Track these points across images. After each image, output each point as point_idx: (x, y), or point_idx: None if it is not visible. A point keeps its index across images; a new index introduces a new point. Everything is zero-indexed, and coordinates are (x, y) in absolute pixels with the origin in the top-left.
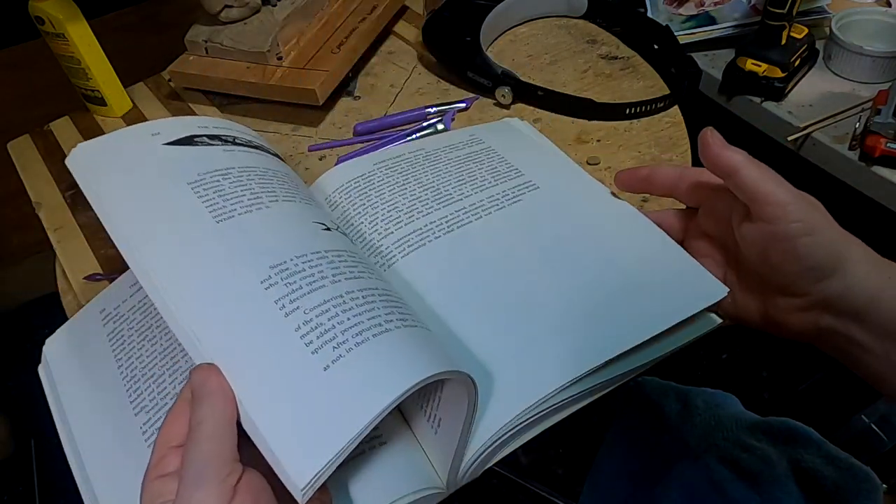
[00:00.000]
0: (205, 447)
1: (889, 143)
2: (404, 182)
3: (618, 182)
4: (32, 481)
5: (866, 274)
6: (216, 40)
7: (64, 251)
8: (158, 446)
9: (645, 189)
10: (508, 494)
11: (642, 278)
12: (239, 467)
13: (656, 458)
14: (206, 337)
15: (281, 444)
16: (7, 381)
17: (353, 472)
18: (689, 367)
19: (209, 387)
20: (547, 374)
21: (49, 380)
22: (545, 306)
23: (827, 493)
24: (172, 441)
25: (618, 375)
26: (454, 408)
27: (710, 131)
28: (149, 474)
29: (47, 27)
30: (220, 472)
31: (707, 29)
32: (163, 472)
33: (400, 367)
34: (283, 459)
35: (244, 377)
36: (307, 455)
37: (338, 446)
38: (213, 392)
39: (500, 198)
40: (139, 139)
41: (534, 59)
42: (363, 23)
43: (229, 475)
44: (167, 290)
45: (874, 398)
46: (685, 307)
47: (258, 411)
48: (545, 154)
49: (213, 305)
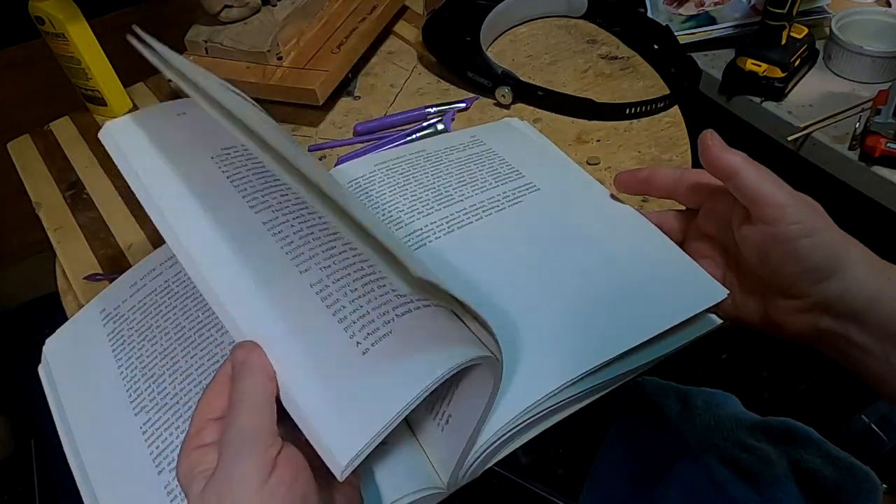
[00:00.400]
0: (246, 420)
1: (889, 143)
2: (405, 183)
3: (617, 184)
4: (32, 481)
5: (865, 275)
6: (216, 40)
7: (64, 251)
8: (196, 419)
9: (645, 191)
10: (508, 494)
11: (642, 280)
12: (279, 441)
13: (656, 458)
14: (247, 319)
15: (323, 423)
16: (7, 381)
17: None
18: (689, 367)
19: (251, 363)
20: (547, 374)
21: (49, 380)
22: (545, 307)
23: (827, 493)
24: (211, 414)
25: (618, 375)
26: (471, 399)
27: (710, 133)
28: (187, 444)
29: (47, 27)
30: (261, 445)
31: (707, 29)
32: (201, 442)
33: (437, 351)
34: (326, 438)
35: (287, 358)
36: (348, 434)
37: (377, 427)
38: (254, 368)
39: (501, 199)
40: (165, 116)
41: (534, 59)
42: (363, 23)
43: (270, 448)
44: (209, 271)
45: (874, 398)
46: (685, 309)
47: (300, 391)
48: (545, 155)
49: (254, 289)
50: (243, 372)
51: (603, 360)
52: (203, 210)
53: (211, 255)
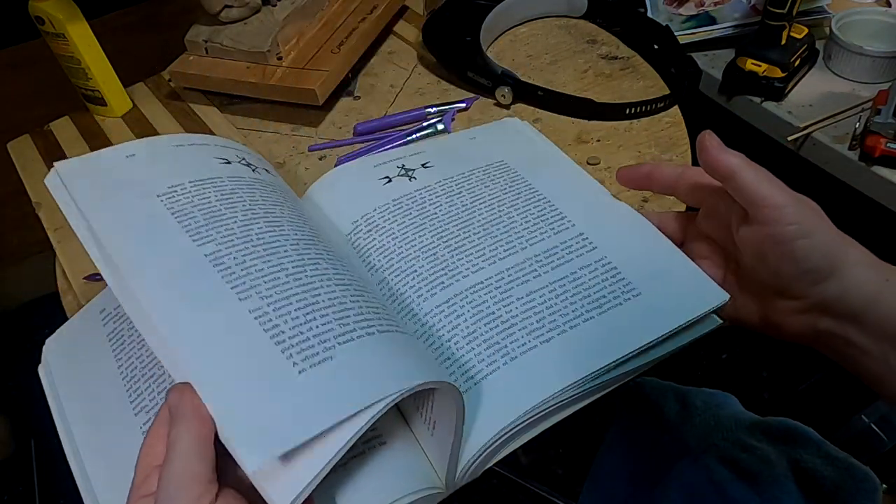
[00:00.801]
0: (178, 466)
1: (889, 143)
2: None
3: (619, 178)
4: (32, 481)
5: (864, 276)
6: (216, 40)
7: (64, 251)
8: (140, 467)
9: (645, 186)
10: (508, 494)
11: (642, 282)
12: (213, 487)
13: (656, 458)
14: (181, 354)
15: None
16: (7, 381)
17: (353, 472)
18: (689, 367)
19: (183, 407)
20: (548, 377)
21: (49, 380)
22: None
23: (826, 493)
24: (154, 461)
25: (618, 376)
26: (446, 413)
27: (709, 134)
28: (132, 494)
29: (47, 27)
30: (192, 492)
31: (707, 29)
32: (146, 492)
33: (379, 378)
34: (262, 482)
35: (221, 396)
36: (288, 475)
37: (317, 467)
38: (186, 412)
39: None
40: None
41: (534, 59)
42: (363, 23)
43: (202, 496)
44: (141, 309)
45: (874, 398)
46: (685, 312)
47: (234, 432)
48: (545, 155)
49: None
50: (176, 416)
51: (603, 364)
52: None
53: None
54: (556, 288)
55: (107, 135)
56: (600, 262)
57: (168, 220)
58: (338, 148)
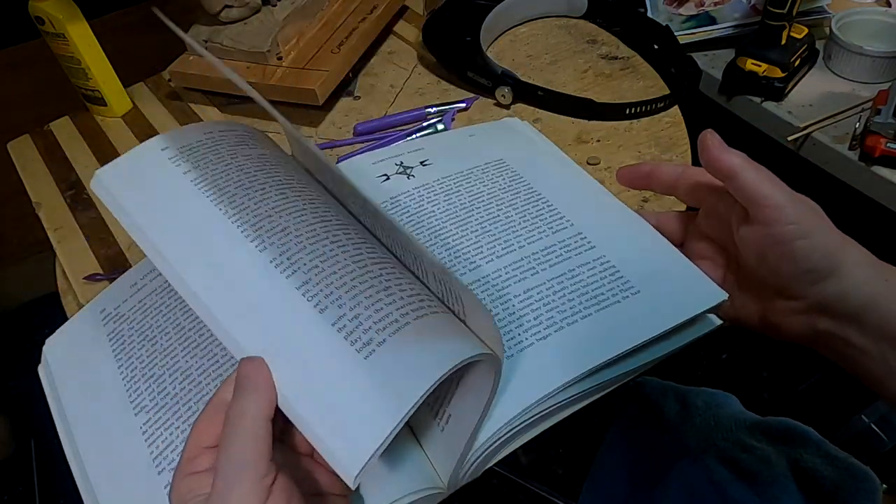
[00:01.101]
0: (246, 443)
1: (889, 143)
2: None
3: (619, 178)
4: (32, 481)
5: (863, 277)
6: (216, 40)
7: (64, 251)
8: (190, 446)
9: (646, 186)
10: (508, 494)
11: (641, 281)
12: (273, 469)
13: (656, 458)
14: (246, 338)
15: (330, 433)
16: (7, 381)
17: None
18: (689, 367)
19: (257, 380)
20: (547, 374)
21: (49, 380)
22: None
23: (826, 493)
24: (205, 442)
25: (617, 376)
26: (470, 399)
27: (710, 133)
28: (180, 471)
29: (47, 27)
30: (259, 470)
31: (707, 29)
32: (195, 469)
33: (435, 352)
34: (335, 448)
35: (291, 375)
36: (357, 443)
37: (384, 433)
38: (259, 386)
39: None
40: (153, 155)
41: (534, 59)
42: (363, 23)
43: (265, 476)
44: (206, 296)
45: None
46: (683, 310)
47: (305, 405)
48: (545, 154)
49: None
50: (247, 388)
51: (601, 360)
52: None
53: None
54: (553, 285)
55: (107, 135)
56: (598, 260)
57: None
58: (338, 148)
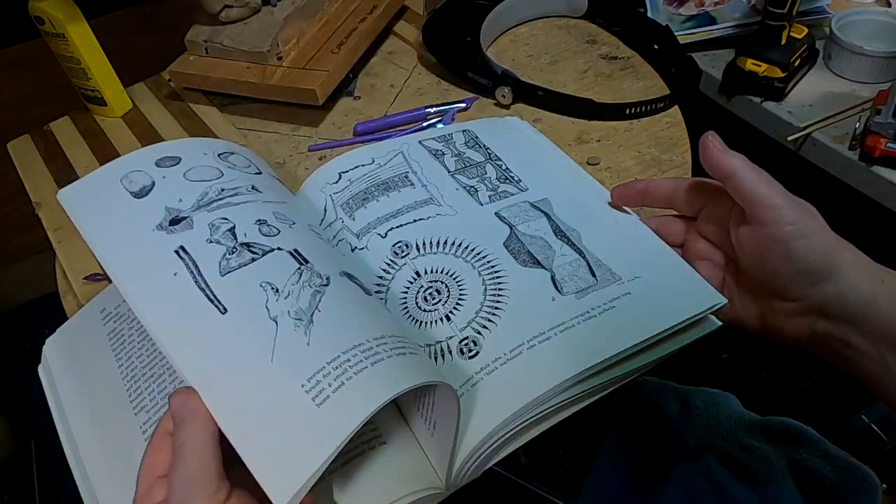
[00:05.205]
0: (191, 465)
1: (889, 143)
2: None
3: (614, 197)
4: (32, 481)
5: (860, 278)
6: (216, 40)
7: (64, 251)
8: (143, 478)
9: (642, 202)
10: (508, 494)
11: (638, 283)
12: (226, 485)
13: (656, 458)
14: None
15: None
16: (7, 381)
17: (353, 471)
18: (689, 367)
19: (190, 408)
20: (546, 375)
21: (49, 380)
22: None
23: (826, 493)
24: (158, 471)
25: (617, 377)
26: (446, 413)
27: (711, 135)
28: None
29: (47, 27)
30: (208, 489)
31: (707, 29)
32: (152, 501)
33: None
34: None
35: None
36: (287, 475)
37: (315, 466)
38: (193, 413)
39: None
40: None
41: (534, 59)
42: (363, 23)
43: (217, 491)
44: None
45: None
46: (680, 313)
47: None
48: (545, 155)
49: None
50: (184, 418)
51: (598, 360)
52: None
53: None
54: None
55: (107, 135)
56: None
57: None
58: (338, 148)
